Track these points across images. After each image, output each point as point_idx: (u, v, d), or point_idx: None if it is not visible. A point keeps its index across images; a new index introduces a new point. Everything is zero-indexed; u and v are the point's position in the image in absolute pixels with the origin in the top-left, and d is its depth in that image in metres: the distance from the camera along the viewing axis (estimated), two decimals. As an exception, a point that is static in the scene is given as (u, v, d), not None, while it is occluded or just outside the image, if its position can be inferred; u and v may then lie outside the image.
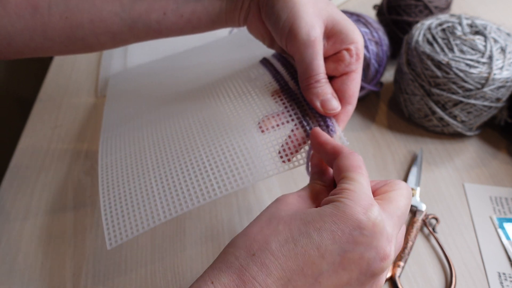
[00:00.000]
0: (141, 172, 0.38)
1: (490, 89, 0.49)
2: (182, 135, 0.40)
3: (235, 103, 0.40)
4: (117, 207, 0.37)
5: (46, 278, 0.41)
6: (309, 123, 0.36)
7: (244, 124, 0.37)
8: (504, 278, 0.41)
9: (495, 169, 0.52)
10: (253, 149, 0.35)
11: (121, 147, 0.42)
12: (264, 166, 0.34)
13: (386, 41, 0.56)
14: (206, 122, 0.40)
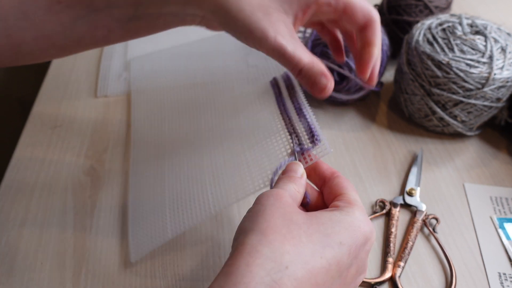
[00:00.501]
0: (160, 191, 0.45)
1: (491, 89, 0.49)
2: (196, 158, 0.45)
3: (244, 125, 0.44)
4: (140, 223, 0.44)
5: (45, 278, 0.41)
6: (300, 142, 0.37)
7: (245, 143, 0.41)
8: (504, 278, 0.41)
9: (496, 169, 0.52)
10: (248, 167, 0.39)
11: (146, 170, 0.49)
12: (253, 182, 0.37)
13: (386, 41, 0.56)
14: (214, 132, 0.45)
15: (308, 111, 0.39)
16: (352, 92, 0.56)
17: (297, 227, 0.27)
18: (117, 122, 0.59)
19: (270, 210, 0.28)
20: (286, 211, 0.29)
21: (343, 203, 0.32)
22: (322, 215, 0.30)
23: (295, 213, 0.29)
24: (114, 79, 0.66)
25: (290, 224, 0.27)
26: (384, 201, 0.47)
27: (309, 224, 0.28)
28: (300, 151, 0.37)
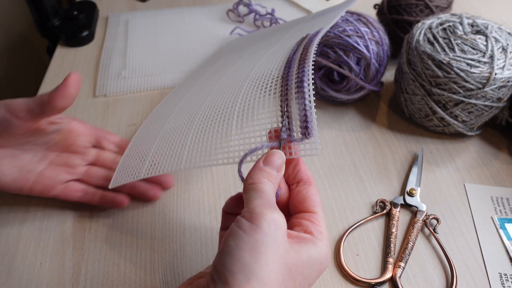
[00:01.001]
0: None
1: (491, 89, 0.48)
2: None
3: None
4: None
5: (45, 279, 0.41)
6: (290, 127, 0.33)
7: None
8: (505, 278, 0.41)
9: (496, 169, 0.51)
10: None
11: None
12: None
13: (386, 40, 0.56)
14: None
15: (309, 89, 0.33)
16: (352, 92, 0.56)
17: (289, 273, 0.28)
18: (117, 122, 0.58)
19: (272, 249, 0.27)
20: (283, 249, 0.28)
21: (316, 231, 0.32)
22: (304, 253, 0.29)
23: (287, 252, 0.28)
24: (113, 78, 0.66)
25: (285, 271, 0.27)
26: (385, 201, 0.47)
27: (296, 266, 0.28)
28: (286, 139, 0.33)
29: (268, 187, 0.31)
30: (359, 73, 0.54)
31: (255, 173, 0.32)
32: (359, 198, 0.48)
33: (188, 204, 0.48)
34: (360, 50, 0.53)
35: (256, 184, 0.31)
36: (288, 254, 0.28)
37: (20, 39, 0.91)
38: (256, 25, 0.77)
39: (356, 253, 0.43)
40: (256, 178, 0.31)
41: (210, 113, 0.40)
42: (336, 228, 0.45)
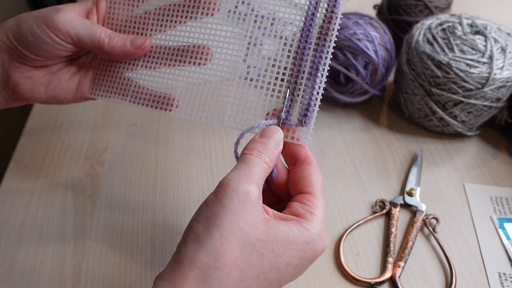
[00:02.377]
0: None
1: (491, 89, 0.49)
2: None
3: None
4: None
5: (45, 278, 0.41)
6: (290, 109, 0.33)
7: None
8: (504, 278, 0.41)
9: (496, 169, 0.52)
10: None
11: None
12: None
13: (393, 46, 0.56)
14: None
15: (321, 80, 0.33)
16: (356, 95, 0.56)
17: (250, 248, 0.27)
18: (117, 122, 0.59)
19: (229, 223, 0.26)
20: (245, 224, 0.27)
21: (306, 211, 0.30)
22: (279, 230, 0.28)
23: (253, 227, 0.27)
24: (114, 79, 0.66)
25: (245, 246, 0.27)
26: (384, 201, 0.47)
27: (264, 241, 0.27)
28: (284, 121, 0.33)
29: (257, 159, 0.30)
30: (366, 77, 0.54)
31: (251, 144, 0.31)
32: (359, 198, 0.48)
33: (188, 204, 0.48)
34: (369, 55, 0.53)
35: (247, 155, 0.30)
36: (253, 229, 0.27)
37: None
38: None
39: (356, 253, 0.43)
40: (251, 147, 0.31)
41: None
42: (336, 228, 0.45)
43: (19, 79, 0.40)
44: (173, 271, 0.26)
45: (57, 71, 0.42)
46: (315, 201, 0.31)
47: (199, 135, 0.57)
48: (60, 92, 0.42)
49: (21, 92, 0.41)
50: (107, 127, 0.58)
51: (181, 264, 0.26)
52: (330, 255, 0.43)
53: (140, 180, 0.51)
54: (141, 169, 0.52)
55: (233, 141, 0.55)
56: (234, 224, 0.26)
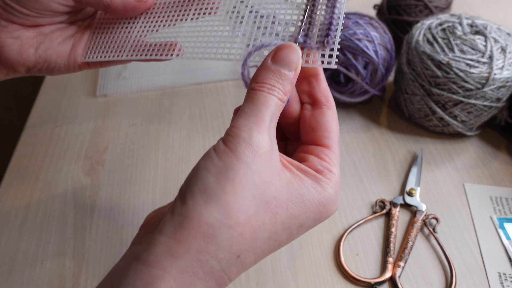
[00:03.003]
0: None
1: (491, 89, 0.49)
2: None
3: None
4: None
5: (45, 278, 0.41)
6: (308, 32, 0.29)
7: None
8: (504, 278, 0.41)
9: (496, 169, 0.52)
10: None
11: None
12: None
13: (393, 46, 0.56)
14: None
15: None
16: (356, 95, 0.56)
17: (265, 207, 0.24)
18: (117, 122, 0.59)
19: (244, 177, 0.23)
20: (261, 180, 0.24)
21: (324, 168, 0.27)
22: (294, 188, 0.25)
23: (268, 183, 0.24)
24: (113, 78, 0.66)
25: (260, 204, 0.24)
26: (384, 201, 0.47)
27: (279, 200, 0.25)
28: (303, 44, 0.28)
29: (269, 97, 0.25)
30: (366, 77, 0.54)
31: (261, 73, 0.26)
32: (359, 198, 0.48)
33: (189, 204, 0.48)
34: (369, 55, 0.53)
35: (257, 91, 0.26)
36: (268, 185, 0.24)
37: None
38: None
39: (356, 253, 0.43)
40: (261, 79, 0.26)
41: None
42: (336, 228, 0.45)
43: (6, 39, 0.36)
44: (178, 226, 0.23)
45: (49, 33, 0.37)
46: (333, 157, 0.28)
47: (199, 135, 0.57)
48: (51, 55, 0.37)
49: (7, 55, 0.36)
50: (107, 127, 0.58)
51: (188, 218, 0.23)
52: (330, 255, 0.43)
53: (140, 180, 0.51)
54: (141, 169, 0.52)
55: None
56: (249, 179, 0.23)
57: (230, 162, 0.23)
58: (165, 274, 0.22)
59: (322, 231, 0.45)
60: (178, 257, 0.22)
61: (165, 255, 0.22)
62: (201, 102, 0.62)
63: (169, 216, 0.24)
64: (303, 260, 0.43)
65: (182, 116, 0.60)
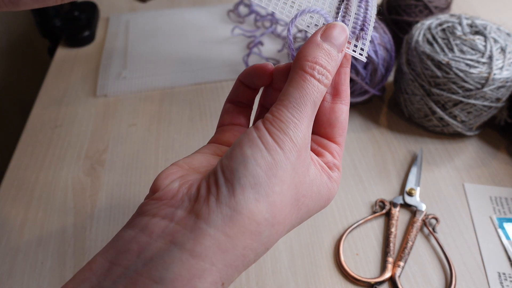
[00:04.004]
0: None
1: (490, 89, 0.49)
2: None
3: None
4: None
5: (45, 278, 0.41)
6: (346, 13, 0.30)
7: None
8: (504, 278, 0.41)
9: (495, 169, 0.52)
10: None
11: None
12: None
13: (393, 46, 0.56)
14: None
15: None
16: (356, 95, 0.56)
17: (296, 205, 0.25)
18: (117, 122, 0.59)
19: (289, 178, 0.24)
20: (299, 180, 0.25)
21: (334, 166, 0.29)
22: (315, 185, 0.26)
23: (302, 183, 0.25)
24: (113, 78, 0.66)
25: (294, 203, 0.25)
26: (384, 201, 0.47)
27: (304, 197, 0.26)
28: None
29: (318, 85, 0.25)
30: (365, 77, 0.54)
31: (311, 50, 0.25)
32: (359, 197, 0.49)
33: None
34: (368, 55, 0.53)
35: (307, 74, 0.25)
36: (302, 185, 0.25)
37: (21, 39, 0.91)
38: (257, 26, 0.77)
39: (355, 253, 0.43)
40: (312, 57, 0.25)
41: None
42: (336, 227, 0.46)
43: None
44: (228, 220, 0.22)
45: None
46: (341, 155, 0.29)
47: (199, 135, 0.57)
48: None
49: None
50: (107, 127, 0.58)
51: (239, 214, 0.22)
52: (330, 255, 0.43)
53: (140, 180, 0.51)
54: (141, 169, 0.52)
55: (233, 141, 0.55)
56: (292, 180, 0.24)
57: (280, 160, 0.23)
58: (212, 268, 0.22)
59: (322, 231, 0.45)
60: (225, 252, 0.22)
61: (214, 249, 0.22)
62: (201, 102, 0.62)
63: (214, 203, 0.23)
64: (303, 260, 0.43)
65: (182, 116, 0.60)
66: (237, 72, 0.67)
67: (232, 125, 0.32)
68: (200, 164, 0.28)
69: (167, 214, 0.23)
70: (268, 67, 0.30)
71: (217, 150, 0.30)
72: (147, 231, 0.22)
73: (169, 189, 0.25)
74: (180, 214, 0.23)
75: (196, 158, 0.28)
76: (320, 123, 0.29)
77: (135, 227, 0.23)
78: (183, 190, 0.24)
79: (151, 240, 0.22)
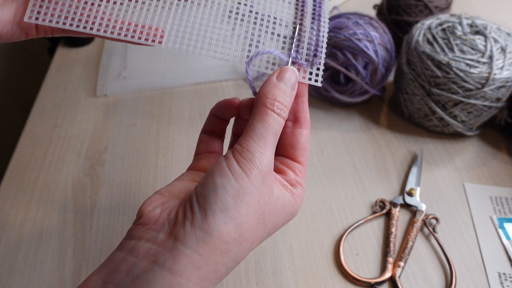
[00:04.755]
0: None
1: (490, 89, 0.49)
2: None
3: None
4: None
5: (45, 278, 0.41)
6: (298, 47, 0.32)
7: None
8: (504, 278, 0.41)
9: (495, 169, 0.52)
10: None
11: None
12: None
13: (393, 46, 0.56)
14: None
15: (325, 21, 0.33)
16: (356, 95, 0.56)
17: (262, 223, 0.28)
18: (117, 122, 0.59)
19: (255, 201, 0.27)
20: (264, 201, 0.28)
21: (297, 184, 0.32)
22: (280, 203, 0.30)
23: (267, 203, 0.29)
24: (113, 78, 0.66)
25: (260, 220, 0.28)
26: (384, 201, 0.47)
27: (270, 215, 0.29)
28: (294, 59, 0.32)
29: (277, 118, 0.29)
30: (365, 77, 0.54)
31: (270, 89, 0.29)
32: (359, 198, 0.48)
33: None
34: (369, 55, 0.53)
35: (268, 109, 0.29)
36: (267, 205, 0.28)
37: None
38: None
39: (355, 253, 0.43)
40: (271, 95, 0.29)
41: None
42: (336, 227, 0.45)
43: None
44: (201, 241, 0.26)
45: None
46: (304, 172, 0.33)
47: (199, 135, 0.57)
48: None
49: None
50: (107, 127, 0.58)
51: (210, 235, 0.26)
52: (330, 255, 0.43)
53: (140, 180, 0.51)
54: (141, 169, 0.52)
55: (233, 141, 0.55)
56: (258, 202, 0.28)
57: (246, 187, 0.27)
58: (188, 282, 0.25)
59: (322, 231, 0.45)
60: (199, 268, 0.26)
61: (189, 267, 0.25)
62: (201, 102, 0.62)
63: (189, 227, 0.26)
64: (303, 260, 0.43)
65: (182, 116, 0.60)
66: (237, 72, 0.67)
67: (208, 152, 0.36)
68: (179, 191, 0.31)
69: (150, 237, 0.27)
70: (235, 101, 0.35)
71: (194, 177, 0.34)
72: (134, 253, 0.26)
73: (152, 215, 0.28)
74: (161, 237, 0.27)
75: (176, 186, 0.32)
76: (283, 145, 0.33)
77: (124, 249, 0.27)
78: (163, 216, 0.28)
79: (138, 261, 0.26)
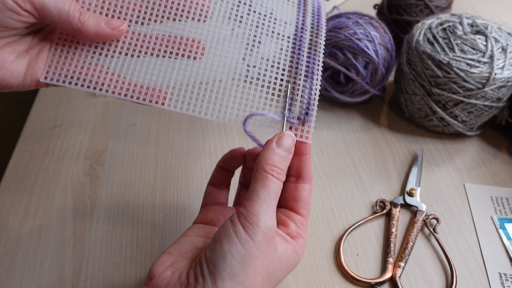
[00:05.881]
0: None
1: (491, 89, 0.48)
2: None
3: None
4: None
5: (45, 278, 0.41)
6: (291, 107, 0.34)
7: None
8: (505, 278, 0.41)
9: (496, 169, 0.51)
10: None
11: None
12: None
13: (394, 46, 0.56)
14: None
15: (318, 79, 0.35)
16: (356, 95, 0.56)
17: (267, 280, 0.30)
18: (117, 122, 0.58)
19: (260, 264, 0.29)
20: (269, 262, 0.30)
21: (299, 236, 0.33)
22: (283, 258, 0.32)
23: (272, 262, 0.31)
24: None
25: (266, 278, 0.30)
26: (385, 201, 0.47)
27: (274, 272, 0.31)
28: (288, 118, 0.34)
29: (277, 182, 0.31)
30: (366, 77, 0.54)
31: (270, 156, 0.32)
32: (359, 198, 0.48)
33: (188, 204, 0.48)
34: (369, 55, 0.53)
35: (269, 175, 0.31)
36: (272, 264, 0.30)
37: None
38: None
39: (356, 253, 0.43)
40: (271, 161, 0.31)
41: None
42: (336, 228, 0.45)
43: None
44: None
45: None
46: (305, 224, 0.34)
47: (199, 135, 0.57)
48: (3, 76, 0.32)
49: None
50: (107, 127, 0.58)
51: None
52: (330, 255, 0.43)
53: (140, 180, 0.51)
54: (141, 169, 0.52)
55: (233, 142, 0.55)
56: (263, 264, 0.30)
57: (252, 251, 0.29)
58: None
59: (322, 231, 0.45)
60: None
61: None
62: (201, 102, 0.62)
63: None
64: (303, 260, 0.42)
65: (182, 116, 0.60)
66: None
67: (214, 204, 0.38)
68: (187, 249, 0.33)
69: None
70: (241, 151, 0.38)
71: (201, 232, 0.35)
72: None
73: (164, 277, 0.30)
74: None
75: (184, 244, 0.34)
76: (286, 199, 0.35)
77: None
78: (175, 278, 0.30)
79: None
